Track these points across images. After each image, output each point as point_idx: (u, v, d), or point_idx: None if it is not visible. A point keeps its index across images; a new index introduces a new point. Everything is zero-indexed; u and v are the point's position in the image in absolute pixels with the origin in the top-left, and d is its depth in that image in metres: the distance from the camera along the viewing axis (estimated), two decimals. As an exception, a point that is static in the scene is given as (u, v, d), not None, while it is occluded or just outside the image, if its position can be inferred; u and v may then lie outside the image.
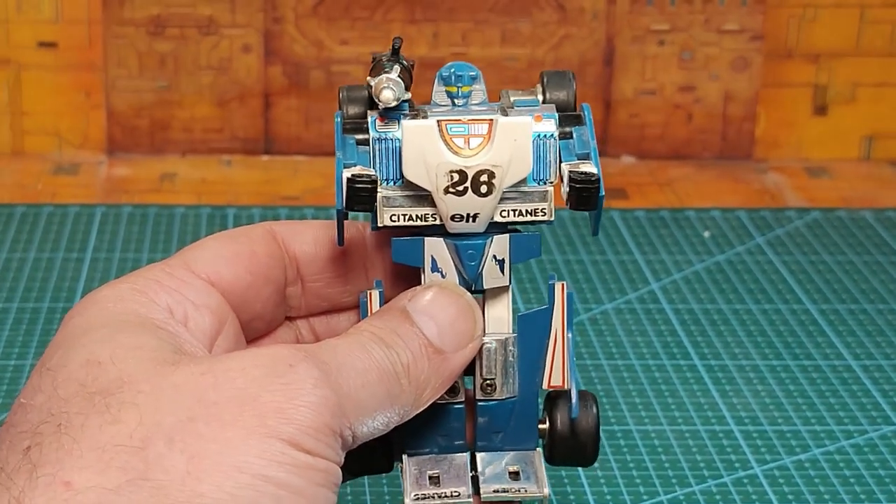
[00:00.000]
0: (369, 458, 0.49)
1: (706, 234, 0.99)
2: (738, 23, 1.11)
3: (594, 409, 0.50)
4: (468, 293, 0.48)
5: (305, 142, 1.12)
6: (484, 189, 0.47)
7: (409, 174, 0.47)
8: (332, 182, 0.47)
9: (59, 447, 0.41)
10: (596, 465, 0.71)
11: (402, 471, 0.50)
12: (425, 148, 0.46)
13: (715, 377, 0.80)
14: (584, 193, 0.47)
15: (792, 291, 0.91)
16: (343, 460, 0.44)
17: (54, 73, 1.09)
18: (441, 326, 0.47)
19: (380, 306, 0.49)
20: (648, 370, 0.81)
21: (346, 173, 0.47)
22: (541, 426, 0.50)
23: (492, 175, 0.47)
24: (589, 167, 0.47)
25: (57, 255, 0.94)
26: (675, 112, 1.13)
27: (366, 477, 0.69)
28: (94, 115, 1.10)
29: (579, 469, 0.71)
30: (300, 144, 1.12)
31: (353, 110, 0.48)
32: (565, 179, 0.47)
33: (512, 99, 0.49)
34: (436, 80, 0.48)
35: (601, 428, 0.74)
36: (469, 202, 0.47)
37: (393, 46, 0.48)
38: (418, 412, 0.47)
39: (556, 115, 0.49)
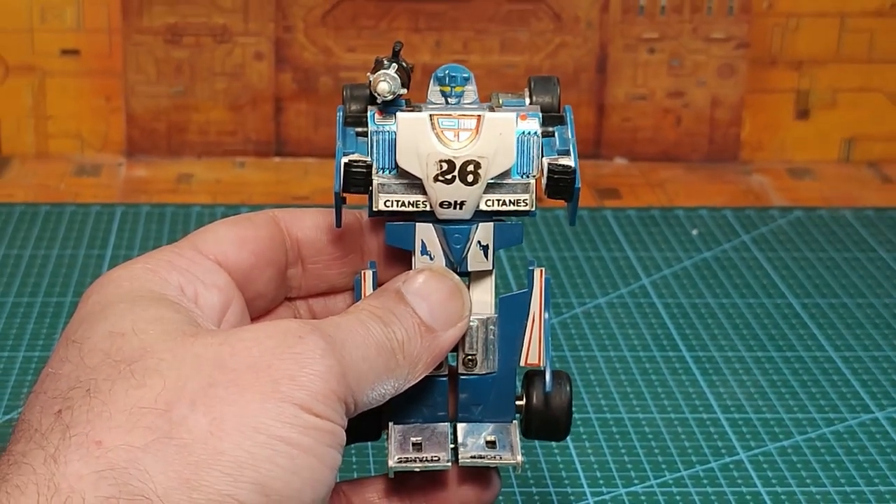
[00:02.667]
0: (359, 428, 0.51)
1: (694, 232, 0.99)
2: (725, 31, 1.11)
3: (567, 388, 0.52)
4: (457, 276, 0.50)
5: (315, 144, 1.12)
6: (470, 178, 0.48)
7: (402, 162, 0.48)
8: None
9: (90, 409, 0.42)
10: (589, 450, 0.71)
11: (387, 437, 0.51)
12: (417, 138, 0.48)
13: (703, 368, 0.80)
14: (560, 183, 0.49)
15: (776, 286, 0.91)
16: (346, 425, 0.45)
17: (76, 79, 1.09)
18: (432, 307, 0.49)
19: (373, 285, 0.50)
20: (640, 361, 0.81)
21: (344, 159, 0.49)
22: (518, 402, 0.52)
23: (478, 165, 0.48)
24: (567, 160, 0.49)
25: (79, 252, 0.94)
26: (664, 116, 1.13)
27: (368, 444, 0.70)
28: (114, 118, 1.10)
29: (574, 454, 0.71)
30: (310, 147, 1.12)
31: (354, 106, 0.50)
32: (545, 171, 0.49)
33: (501, 100, 0.51)
34: (431, 80, 0.50)
35: (582, 408, 0.74)
36: (456, 190, 0.48)
37: (394, 49, 0.49)
38: (410, 385, 0.49)
39: (540, 114, 0.50)
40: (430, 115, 0.48)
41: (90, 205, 1.01)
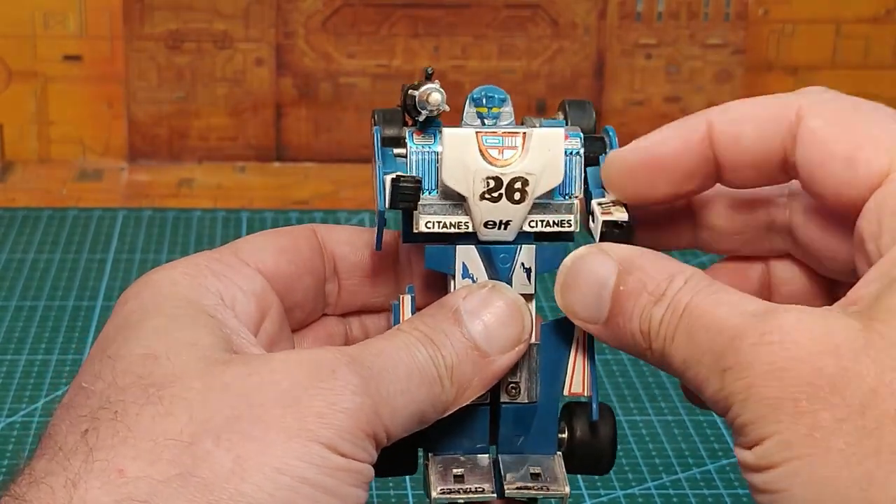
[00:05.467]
0: (396, 462, 0.49)
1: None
2: (721, 37, 1.11)
3: (611, 419, 0.50)
4: (520, 296, 0.47)
5: (315, 149, 1.12)
6: (517, 196, 0.47)
7: (448, 179, 0.47)
8: (340, 187, 0.47)
9: (115, 434, 0.41)
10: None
11: (426, 468, 0.49)
12: (465, 154, 0.46)
13: (699, 371, 0.80)
14: (618, 238, 0.47)
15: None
16: (376, 459, 0.44)
17: (79, 85, 1.09)
18: (489, 328, 0.46)
19: (411, 311, 0.48)
20: (636, 364, 0.81)
21: (388, 177, 0.47)
22: (560, 436, 0.50)
23: (525, 182, 0.46)
24: (621, 213, 0.47)
25: (81, 256, 0.94)
26: (661, 121, 1.12)
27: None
28: (116, 124, 1.11)
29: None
30: (310, 152, 1.12)
31: (388, 131, 0.48)
32: (598, 221, 0.47)
33: (536, 122, 0.49)
34: (467, 102, 0.48)
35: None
36: (502, 209, 0.47)
37: (426, 73, 0.47)
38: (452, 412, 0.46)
39: (581, 134, 0.49)
40: (476, 132, 0.47)
41: (92, 209, 1.02)
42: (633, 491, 0.69)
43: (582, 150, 0.48)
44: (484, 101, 0.48)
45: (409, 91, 0.47)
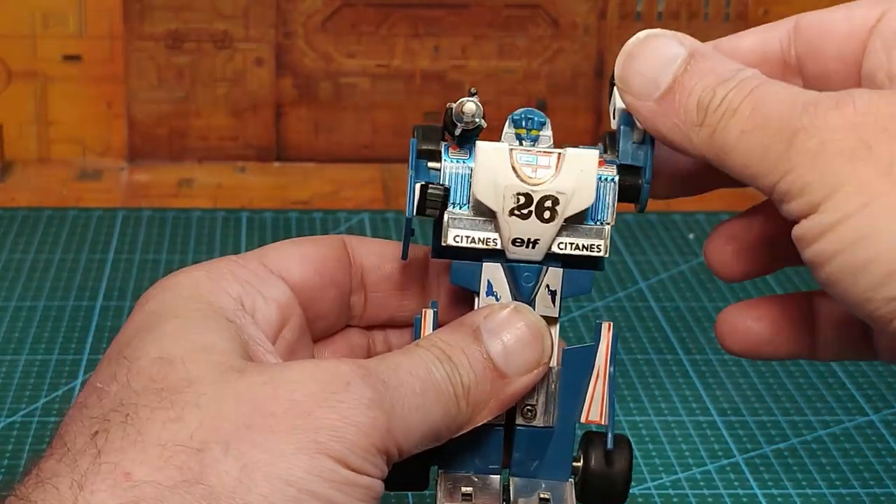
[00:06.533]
0: (408, 476, 0.49)
1: (691, 236, 0.99)
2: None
3: (627, 452, 0.50)
4: (542, 319, 0.47)
5: (315, 149, 1.12)
6: (547, 215, 0.47)
7: (479, 192, 0.47)
8: (340, 188, 0.48)
9: (124, 437, 0.41)
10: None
11: (437, 484, 0.49)
12: (496, 169, 0.46)
13: (699, 371, 0.80)
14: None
15: (771, 290, 0.91)
16: (387, 473, 0.43)
17: (79, 85, 1.09)
18: (509, 349, 0.46)
19: (433, 326, 0.48)
20: (637, 364, 0.81)
21: (419, 184, 0.47)
22: (575, 464, 0.50)
23: (556, 201, 0.47)
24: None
25: (81, 256, 0.94)
26: (662, 121, 1.12)
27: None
28: (115, 124, 1.11)
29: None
30: (310, 152, 1.12)
31: (425, 146, 0.48)
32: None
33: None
34: (506, 123, 0.48)
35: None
36: (531, 227, 0.47)
37: (469, 92, 0.48)
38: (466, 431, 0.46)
39: (617, 161, 0.49)
40: (510, 148, 0.47)
41: (92, 209, 1.02)
42: (633, 491, 0.69)
43: (617, 178, 0.48)
44: (524, 122, 0.48)
45: (448, 105, 0.47)
